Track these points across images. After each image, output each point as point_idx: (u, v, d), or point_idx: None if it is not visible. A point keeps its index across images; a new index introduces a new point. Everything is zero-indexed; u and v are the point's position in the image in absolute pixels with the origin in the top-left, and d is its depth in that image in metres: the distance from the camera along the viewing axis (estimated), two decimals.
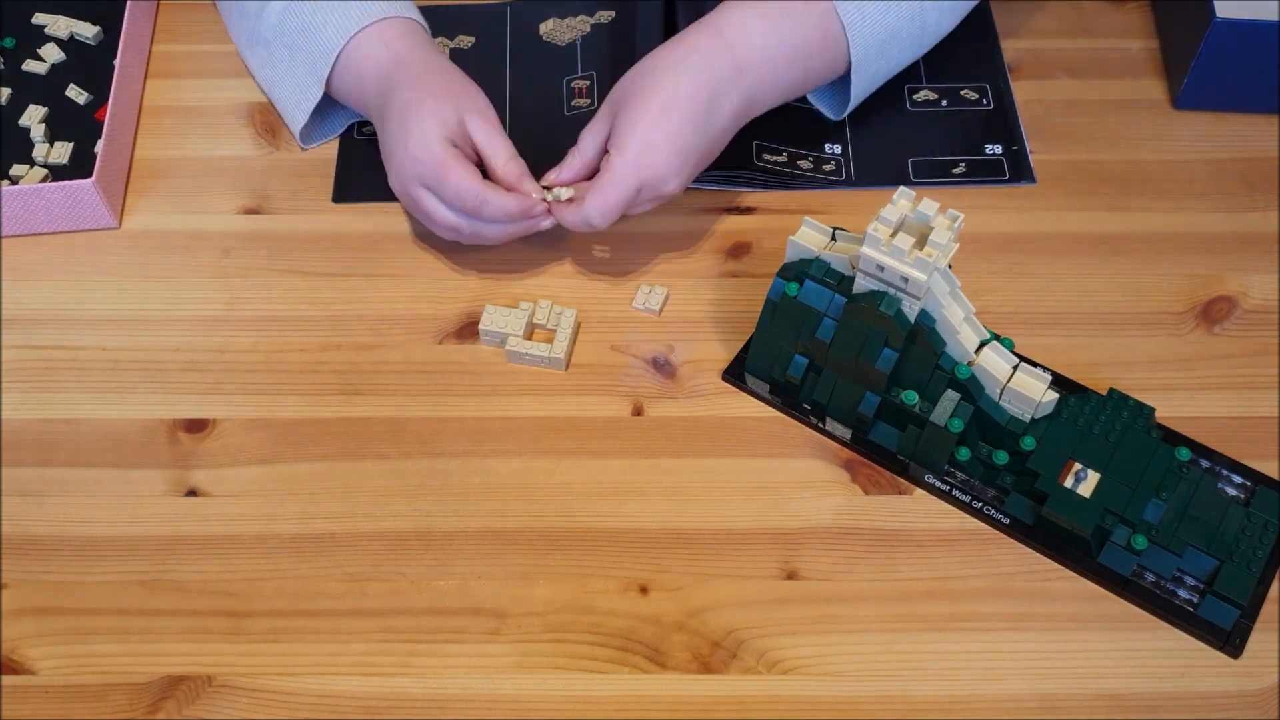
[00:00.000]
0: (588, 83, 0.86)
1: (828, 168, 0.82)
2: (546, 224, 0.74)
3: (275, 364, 0.75)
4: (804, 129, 0.84)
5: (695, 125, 0.72)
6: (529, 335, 0.75)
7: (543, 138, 0.84)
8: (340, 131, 0.85)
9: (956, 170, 0.83)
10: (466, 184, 0.71)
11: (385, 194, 0.82)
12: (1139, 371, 0.74)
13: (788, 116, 0.84)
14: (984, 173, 0.82)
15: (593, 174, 0.75)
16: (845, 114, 0.81)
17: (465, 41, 0.90)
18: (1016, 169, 0.82)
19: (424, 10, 0.84)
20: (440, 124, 0.72)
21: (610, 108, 0.74)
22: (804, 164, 0.82)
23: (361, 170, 0.83)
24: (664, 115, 0.71)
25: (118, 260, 0.80)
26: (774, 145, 0.83)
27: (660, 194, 0.73)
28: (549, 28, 0.90)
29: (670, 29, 0.88)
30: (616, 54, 0.87)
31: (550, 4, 0.91)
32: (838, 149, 0.83)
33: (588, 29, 0.90)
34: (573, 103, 0.86)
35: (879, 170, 0.82)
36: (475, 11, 0.92)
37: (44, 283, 0.79)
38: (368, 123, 0.85)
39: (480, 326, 0.75)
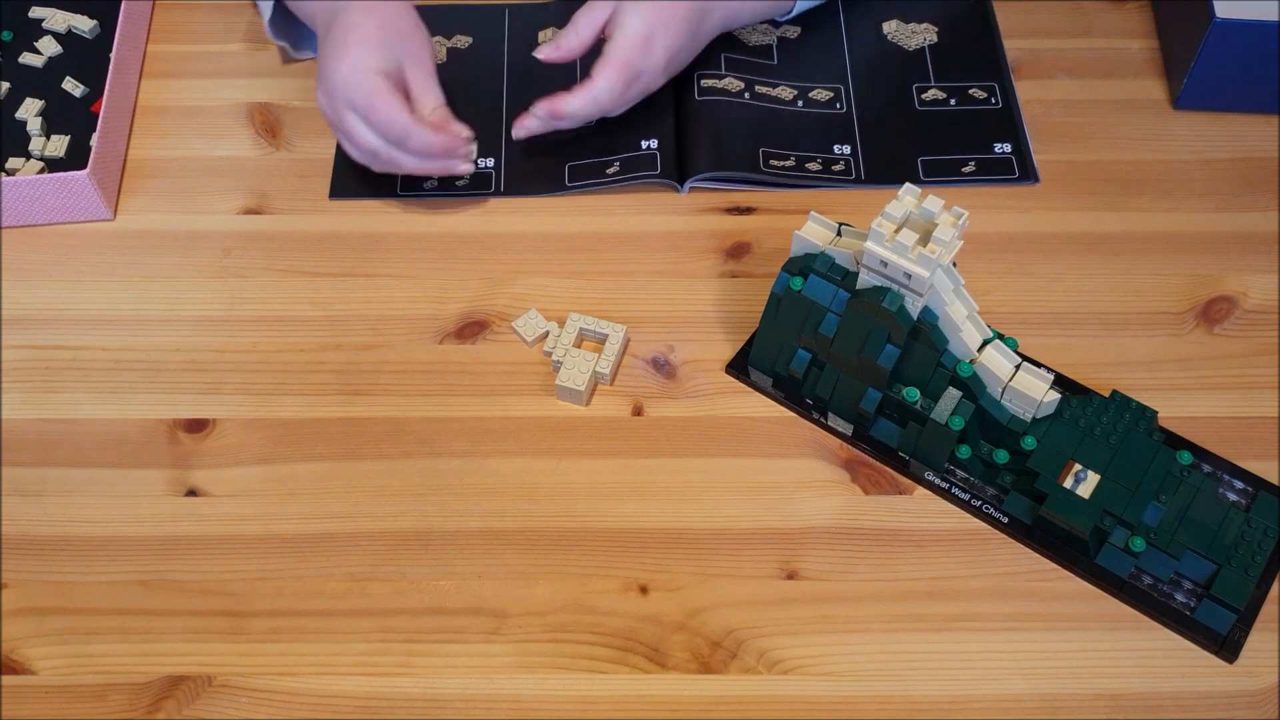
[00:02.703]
0: None
1: (837, 168, 0.82)
2: (464, 168, 0.78)
3: (275, 364, 0.75)
4: (810, 132, 0.84)
5: (690, 30, 0.79)
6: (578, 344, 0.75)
7: (535, 147, 0.83)
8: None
9: (966, 169, 0.82)
10: (396, 115, 0.74)
11: (382, 190, 0.82)
12: (1139, 372, 0.74)
13: (795, 122, 0.84)
14: (994, 171, 0.82)
15: (584, 52, 0.80)
16: (790, 16, 0.88)
17: (463, 41, 0.90)
18: (1024, 168, 0.83)
19: (421, 10, 0.84)
20: (381, 55, 0.74)
21: None
22: (812, 165, 0.82)
23: (358, 167, 0.83)
24: (673, 10, 0.78)
25: (118, 260, 0.80)
26: (781, 151, 0.83)
27: (647, 89, 0.80)
28: (548, 36, 0.90)
29: None
30: None
31: (551, 12, 0.91)
32: (847, 149, 0.83)
33: None
34: None
35: (888, 170, 0.82)
36: (473, 12, 0.92)
37: (44, 282, 0.79)
38: None
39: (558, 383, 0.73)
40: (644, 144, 0.82)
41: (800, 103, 0.85)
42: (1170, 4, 0.88)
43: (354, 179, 0.83)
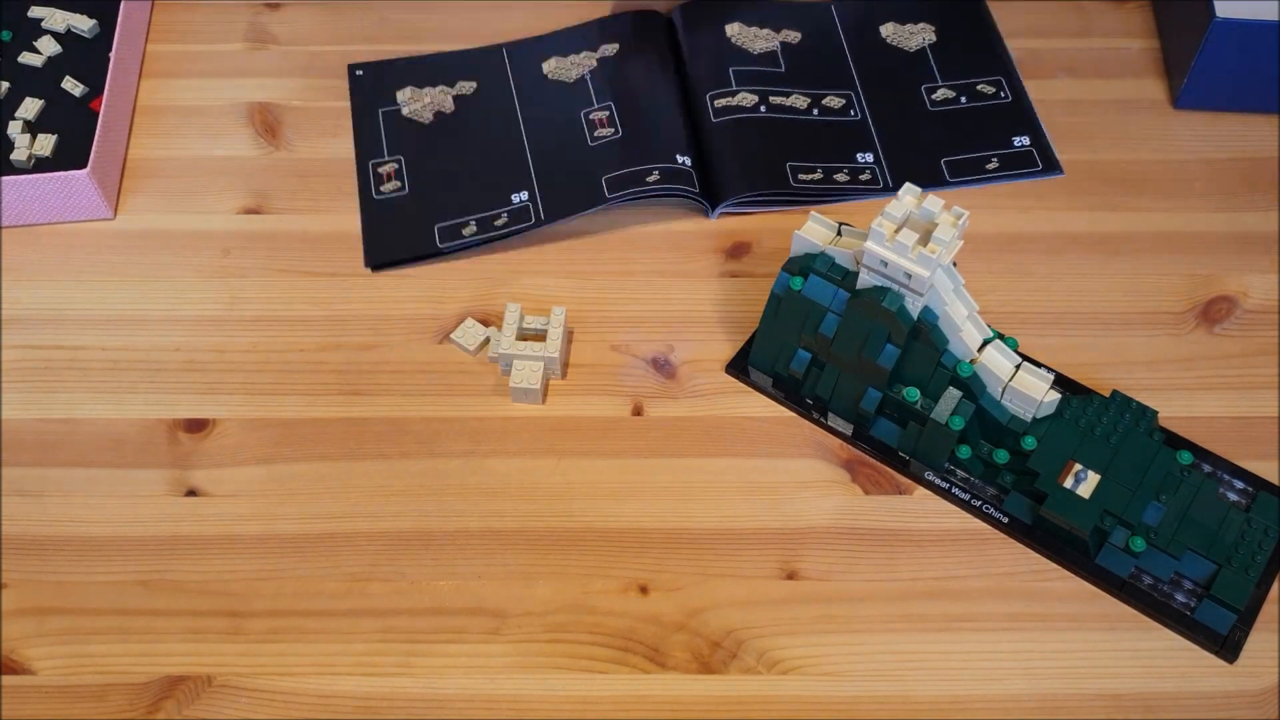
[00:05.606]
0: (607, 113, 0.85)
1: (864, 177, 0.82)
2: None
3: (275, 364, 0.75)
4: (832, 143, 0.83)
5: None
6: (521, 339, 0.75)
7: (569, 170, 0.82)
8: None
9: (990, 166, 0.82)
10: None
11: (419, 249, 0.79)
12: (1139, 372, 0.74)
13: (815, 133, 0.84)
14: (1017, 165, 0.82)
15: None
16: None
17: (467, 87, 0.88)
18: (1046, 159, 0.83)
19: (416, 60, 0.82)
20: None
21: None
22: (840, 177, 0.82)
23: (389, 229, 0.81)
24: None
25: (118, 260, 0.80)
26: (808, 164, 0.82)
27: None
28: (552, 66, 0.88)
29: (677, 57, 0.88)
30: (631, 81, 0.86)
31: (548, 44, 0.90)
32: (869, 157, 0.83)
33: (594, 64, 0.88)
34: (595, 134, 0.84)
35: (914, 173, 0.82)
36: (470, 56, 0.90)
37: (44, 282, 0.79)
38: (383, 180, 0.83)
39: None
40: (679, 159, 0.81)
41: (815, 110, 0.85)
42: (1170, 4, 0.88)
43: (388, 241, 0.80)
